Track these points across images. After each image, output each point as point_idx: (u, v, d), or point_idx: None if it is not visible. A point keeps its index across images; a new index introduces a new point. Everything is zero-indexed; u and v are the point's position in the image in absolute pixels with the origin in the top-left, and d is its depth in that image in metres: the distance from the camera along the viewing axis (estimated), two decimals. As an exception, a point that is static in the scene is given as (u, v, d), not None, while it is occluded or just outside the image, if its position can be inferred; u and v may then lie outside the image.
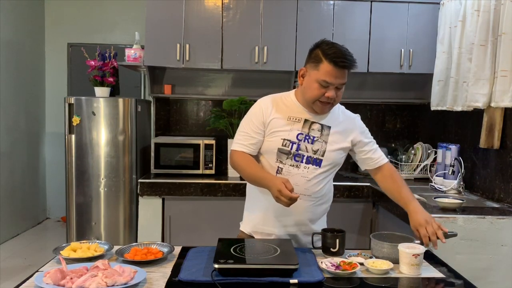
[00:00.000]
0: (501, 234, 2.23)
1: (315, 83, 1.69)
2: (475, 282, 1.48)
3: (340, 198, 3.16)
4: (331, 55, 1.65)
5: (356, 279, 1.47)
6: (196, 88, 3.81)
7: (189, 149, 3.41)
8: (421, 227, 1.66)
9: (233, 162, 1.80)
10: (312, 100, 1.73)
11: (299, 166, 1.76)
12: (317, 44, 1.74)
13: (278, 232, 1.82)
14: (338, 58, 1.65)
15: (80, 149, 3.33)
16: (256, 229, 1.85)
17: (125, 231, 3.41)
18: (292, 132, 1.77)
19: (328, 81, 1.67)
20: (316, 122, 1.79)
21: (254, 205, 1.88)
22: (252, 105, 1.86)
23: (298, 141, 1.76)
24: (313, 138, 1.78)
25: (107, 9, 5.30)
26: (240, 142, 1.79)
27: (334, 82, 1.68)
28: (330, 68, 1.66)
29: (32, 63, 5.21)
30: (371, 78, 3.83)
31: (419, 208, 1.73)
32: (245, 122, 1.82)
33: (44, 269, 1.49)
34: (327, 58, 1.66)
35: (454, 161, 2.91)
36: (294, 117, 1.78)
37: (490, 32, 2.60)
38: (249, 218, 1.90)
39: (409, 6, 3.44)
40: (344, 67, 1.67)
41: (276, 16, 3.39)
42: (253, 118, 1.80)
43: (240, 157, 1.78)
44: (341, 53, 1.66)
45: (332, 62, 1.65)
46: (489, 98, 2.63)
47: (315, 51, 1.71)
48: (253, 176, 1.74)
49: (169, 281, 1.42)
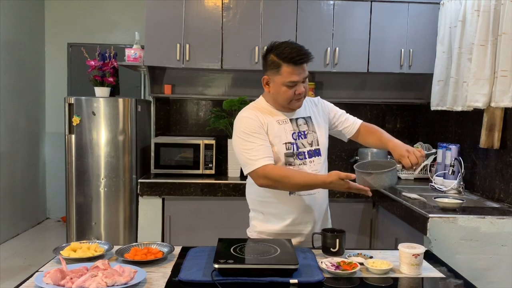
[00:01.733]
0: (501, 234, 2.23)
1: (282, 87, 1.73)
2: (475, 282, 1.48)
3: (340, 198, 3.16)
4: (288, 56, 1.69)
5: (356, 279, 1.47)
6: (196, 88, 3.81)
7: (189, 149, 3.41)
8: (404, 158, 1.74)
9: (272, 177, 1.68)
10: (286, 101, 1.77)
11: (306, 163, 1.80)
12: (268, 49, 1.77)
13: (304, 230, 1.84)
14: (295, 57, 1.68)
15: (80, 149, 3.33)
16: (283, 231, 1.83)
17: (125, 231, 3.41)
18: (287, 134, 1.80)
19: (294, 81, 1.71)
20: (298, 118, 1.85)
21: (271, 213, 1.84)
22: (239, 122, 1.79)
23: (294, 141, 1.80)
24: (304, 133, 1.83)
25: (107, 9, 5.30)
26: (260, 156, 1.70)
27: (299, 79, 1.72)
28: (291, 68, 1.70)
29: (32, 63, 5.21)
30: (371, 78, 3.83)
31: (398, 142, 1.83)
32: (247, 139, 1.73)
33: (44, 269, 1.49)
34: (284, 60, 1.69)
35: (454, 161, 2.91)
36: (281, 120, 1.82)
37: (490, 32, 2.60)
38: (268, 224, 1.86)
39: (409, 6, 3.44)
40: (303, 62, 1.71)
41: (276, 16, 3.39)
42: (253, 130, 1.74)
43: (278, 170, 1.70)
44: (295, 51, 1.69)
45: (291, 62, 1.69)
46: (489, 98, 2.63)
47: (270, 57, 1.74)
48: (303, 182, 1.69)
49: (169, 281, 1.42)
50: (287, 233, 1.82)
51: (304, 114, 1.86)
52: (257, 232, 1.88)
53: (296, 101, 1.77)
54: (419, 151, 1.76)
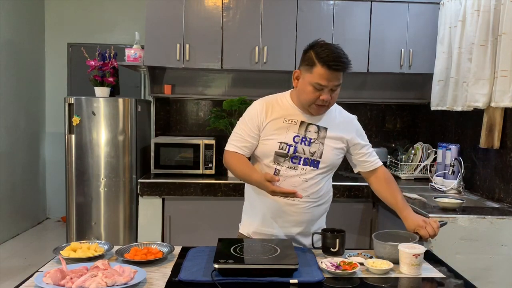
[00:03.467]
0: (501, 234, 2.23)
1: (309, 86, 1.67)
2: (475, 282, 1.48)
3: (340, 198, 3.16)
4: (324, 58, 1.62)
5: (356, 279, 1.47)
6: (196, 88, 3.81)
7: (189, 149, 3.41)
8: (422, 229, 1.71)
9: (226, 162, 1.83)
10: (308, 103, 1.71)
11: (297, 168, 1.76)
12: (311, 45, 1.71)
13: (277, 233, 1.82)
14: (332, 62, 1.62)
15: (80, 149, 3.33)
16: (256, 230, 1.85)
17: (125, 231, 3.41)
18: (288, 134, 1.76)
19: (322, 84, 1.65)
20: (312, 124, 1.78)
21: (253, 207, 1.87)
22: (249, 106, 1.85)
23: (294, 144, 1.75)
24: (310, 140, 1.76)
25: (107, 9, 5.30)
26: (234, 143, 1.80)
27: (328, 84, 1.65)
28: (324, 71, 1.63)
29: (32, 63, 5.21)
30: (371, 78, 3.83)
31: (413, 212, 1.80)
32: (241, 124, 1.82)
33: (44, 269, 1.49)
34: (320, 61, 1.63)
35: (454, 161, 2.91)
36: (290, 119, 1.77)
37: (490, 32, 2.60)
38: (248, 220, 1.90)
39: (409, 6, 3.44)
40: (338, 70, 1.65)
41: (276, 16, 3.39)
42: (249, 121, 1.79)
43: (232, 157, 1.80)
44: (334, 56, 1.63)
45: (326, 66, 1.62)
46: (489, 98, 2.63)
47: (309, 53, 1.69)
48: (243, 175, 1.75)
49: (169, 281, 1.41)
50: (261, 230, 1.84)
51: (320, 123, 1.78)
52: (241, 225, 1.95)
53: (317, 106, 1.71)
54: (434, 221, 1.72)
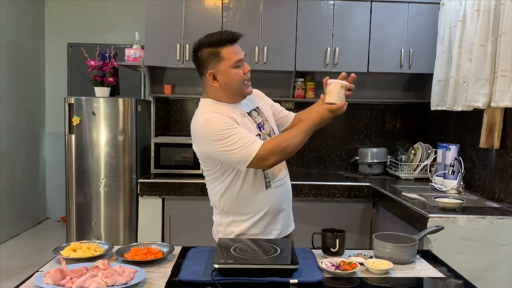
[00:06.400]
0: (501, 234, 2.23)
1: (231, 70, 1.68)
2: (475, 282, 1.48)
3: (340, 198, 3.16)
4: (220, 40, 1.66)
5: (356, 279, 1.47)
6: (196, 88, 3.81)
7: (189, 149, 3.39)
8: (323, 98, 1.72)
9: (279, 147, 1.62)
10: (239, 85, 1.71)
11: None
12: (195, 48, 1.71)
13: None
14: (227, 37, 1.66)
15: (80, 149, 3.33)
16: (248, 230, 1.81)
17: (125, 231, 3.41)
18: (254, 126, 1.75)
19: (239, 59, 1.68)
20: (251, 110, 1.80)
21: (245, 208, 1.84)
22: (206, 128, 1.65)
23: (259, 132, 1.77)
24: (262, 123, 1.80)
25: (107, 9, 5.30)
26: (254, 139, 1.63)
27: (242, 56, 1.69)
28: (231, 48, 1.67)
29: (32, 63, 5.21)
30: (371, 78, 3.83)
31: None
32: (228, 134, 1.61)
33: (44, 269, 1.49)
34: (220, 44, 1.66)
35: (454, 161, 2.91)
36: (241, 114, 1.75)
37: (490, 32, 2.60)
38: (238, 221, 1.85)
39: (409, 6, 3.44)
40: (237, 39, 1.69)
41: (276, 16, 3.39)
42: (228, 123, 1.64)
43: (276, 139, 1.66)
44: (223, 33, 1.68)
45: (228, 43, 1.67)
46: (489, 98, 2.63)
47: (204, 52, 1.68)
48: (307, 130, 1.66)
49: (169, 281, 1.41)
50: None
51: (253, 106, 1.83)
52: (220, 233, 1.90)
53: (247, 85, 1.73)
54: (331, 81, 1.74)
